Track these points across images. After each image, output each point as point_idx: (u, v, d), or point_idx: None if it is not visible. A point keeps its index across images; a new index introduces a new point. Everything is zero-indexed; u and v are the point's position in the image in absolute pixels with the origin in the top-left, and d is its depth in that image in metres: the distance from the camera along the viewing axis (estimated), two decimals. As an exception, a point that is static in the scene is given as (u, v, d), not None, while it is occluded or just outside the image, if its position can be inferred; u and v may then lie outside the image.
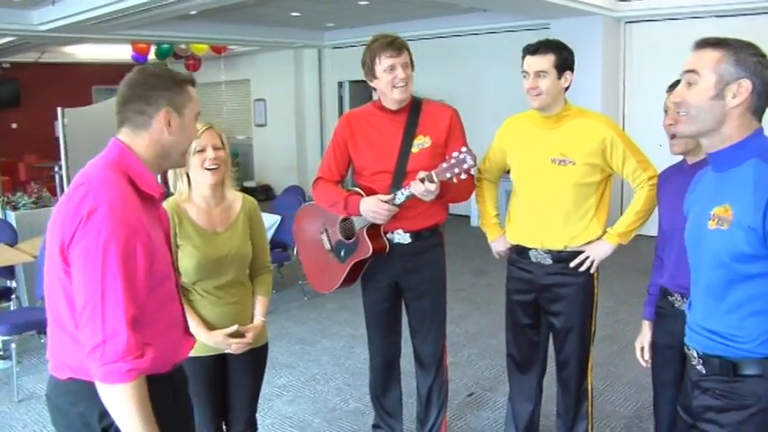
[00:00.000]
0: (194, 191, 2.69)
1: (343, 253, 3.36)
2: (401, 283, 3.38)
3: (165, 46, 12.13)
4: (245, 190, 2.81)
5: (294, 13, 10.17)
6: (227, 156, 2.72)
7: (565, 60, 3.02)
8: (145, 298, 1.82)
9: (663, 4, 8.81)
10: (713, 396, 1.96)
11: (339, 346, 5.49)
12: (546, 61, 2.98)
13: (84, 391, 1.82)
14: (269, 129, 14.26)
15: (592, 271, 3.16)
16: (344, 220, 3.32)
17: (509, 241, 3.33)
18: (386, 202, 3.10)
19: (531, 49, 3.02)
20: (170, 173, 2.66)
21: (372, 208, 3.12)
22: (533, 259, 3.21)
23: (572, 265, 3.15)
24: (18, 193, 7.28)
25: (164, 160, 2.01)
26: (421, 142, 3.21)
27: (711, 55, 1.89)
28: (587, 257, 3.13)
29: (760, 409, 1.87)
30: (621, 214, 3.19)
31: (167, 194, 2.54)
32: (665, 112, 2.75)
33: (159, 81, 1.95)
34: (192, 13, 9.03)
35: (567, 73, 3.03)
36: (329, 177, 3.38)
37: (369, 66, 3.19)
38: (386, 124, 3.25)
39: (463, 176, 2.96)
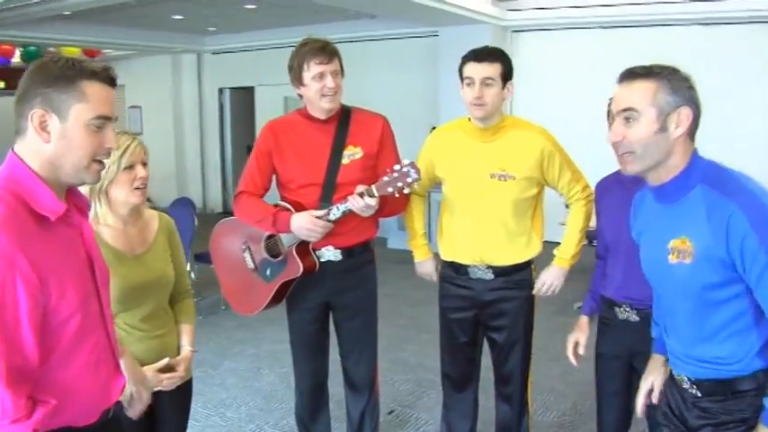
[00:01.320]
0: (111, 210, 2.35)
1: (269, 272, 3.12)
2: (332, 303, 3.18)
3: (32, 48, 11.30)
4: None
5: (176, 16, 9.70)
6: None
7: (509, 70, 2.93)
8: (39, 342, 1.49)
9: (549, 14, 9.01)
10: (712, 414, 1.90)
11: (244, 367, 5.17)
12: (493, 69, 2.87)
13: None
14: (145, 137, 12.85)
15: (551, 294, 3.10)
16: (270, 237, 3.09)
17: (444, 258, 3.18)
18: (319, 218, 2.89)
19: (479, 57, 2.88)
20: (85, 191, 2.21)
21: (306, 225, 2.90)
22: (473, 276, 3.07)
23: (534, 293, 3.09)
24: None
25: (56, 175, 1.61)
26: (351, 153, 3.03)
27: (645, 87, 1.82)
28: (545, 284, 3.08)
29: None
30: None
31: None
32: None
33: (42, 73, 1.57)
34: (65, 14, 8.42)
35: (509, 84, 2.93)
36: (253, 191, 3.12)
37: (296, 71, 2.97)
38: (314, 134, 3.04)
39: (406, 190, 2.82)
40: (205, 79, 12.90)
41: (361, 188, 2.84)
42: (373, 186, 2.82)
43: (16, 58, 11.93)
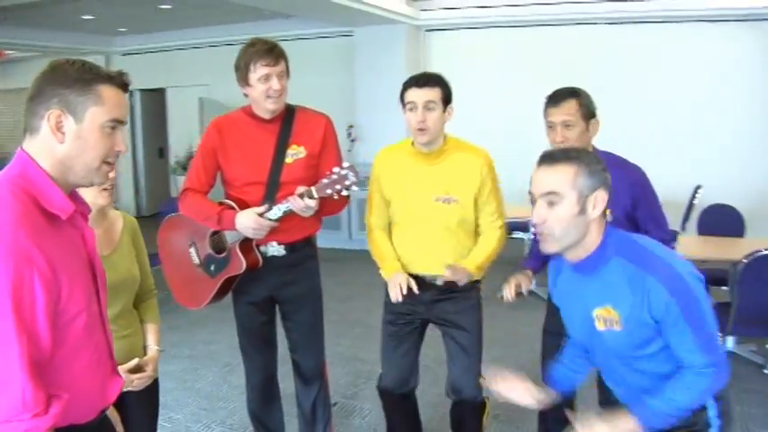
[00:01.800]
0: None
1: (213, 267, 3.16)
2: (277, 297, 3.25)
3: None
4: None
5: (87, 17, 9.45)
6: None
7: (449, 94, 3.01)
8: (52, 338, 1.52)
9: (460, 13, 9.29)
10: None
11: (181, 368, 5.15)
12: (434, 94, 2.94)
13: None
14: None
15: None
16: (215, 233, 3.13)
17: None
18: (262, 215, 2.95)
19: (420, 82, 2.96)
20: None
21: (251, 224, 2.95)
22: (421, 285, 3.07)
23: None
24: None
25: (66, 175, 1.63)
26: (295, 152, 3.09)
27: (567, 171, 1.95)
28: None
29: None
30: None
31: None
32: (550, 128, 2.90)
33: (60, 75, 1.60)
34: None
35: (450, 107, 3.01)
36: (198, 188, 3.15)
37: (242, 72, 3.00)
38: (258, 133, 3.09)
39: (344, 193, 2.90)
40: (114, 81, 12.59)
41: (301, 189, 2.89)
42: (313, 188, 2.89)
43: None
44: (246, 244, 3.07)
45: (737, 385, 4.47)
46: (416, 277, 3.07)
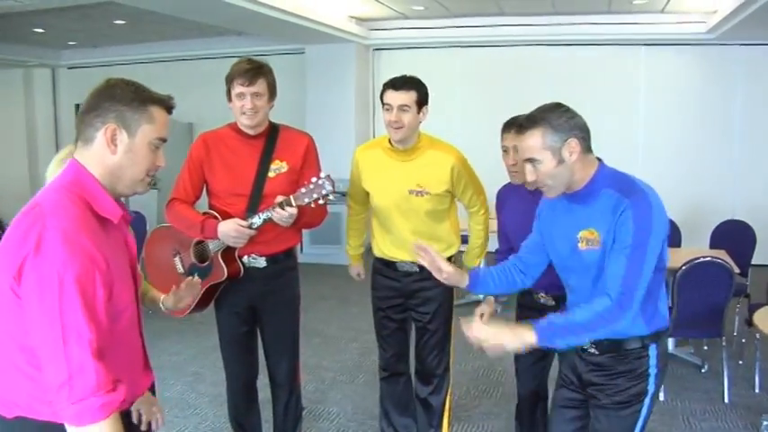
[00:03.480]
0: None
1: (196, 276, 3.30)
2: (257, 307, 3.40)
3: None
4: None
5: (38, 30, 9.40)
6: None
7: (425, 96, 3.31)
8: (106, 331, 1.67)
9: (406, 34, 9.67)
10: (605, 368, 2.43)
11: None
12: (408, 97, 3.24)
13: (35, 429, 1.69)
14: None
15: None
16: (198, 242, 3.30)
17: (375, 254, 3.57)
18: (244, 226, 3.12)
19: (396, 85, 3.26)
20: None
21: (232, 233, 3.12)
22: (400, 269, 3.47)
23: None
24: None
25: (114, 184, 1.81)
26: (278, 167, 3.27)
27: (534, 135, 2.27)
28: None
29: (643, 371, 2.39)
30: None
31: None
32: (504, 151, 3.21)
33: (116, 92, 1.77)
34: None
35: (425, 108, 3.32)
36: (184, 198, 3.33)
37: (227, 88, 3.21)
38: (243, 148, 3.27)
39: (321, 201, 3.07)
40: (61, 95, 12.45)
41: (280, 198, 3.08)
42: (291, 197, 3.07)
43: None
44: (228, 253, 3.23)
45: (679, 384, 4.84)
46: (393, 263, 3.47)
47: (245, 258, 3.27)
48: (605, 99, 9.01)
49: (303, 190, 3.06)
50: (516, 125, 3.10)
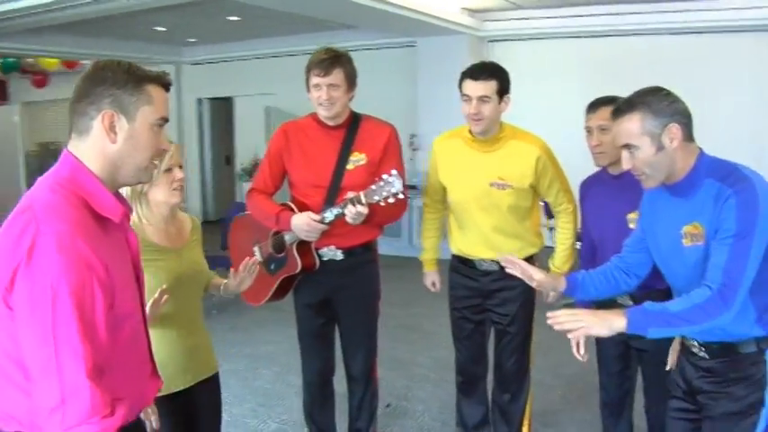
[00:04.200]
0: (152, 211, 2.48)
1: (273, 266, 3.29)
2: (333, 300, 3.33)
3: (11, 60, 11.33)
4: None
5: (159, 28, 9.83)
6: None
7: (506, 85, 3.10)
8: (106, 344, 1.52)
9: (524, 24, 9.29)
10: (716, 374, 2.19)
11: (242, 367, 5.32)
12: (489, 87, 3.04)
13: None
14: None
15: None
16: (276, 233, 3.25)
17: (452, 252, 3.39)
18: (316, 220, 3.04)
19: (475, 75, 3.05)
20: (125, 191, 2.29)
21: (304, 226, 3.06)
22: (479, 267, 3.28)
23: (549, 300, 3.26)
24: None
25: (115, 176, 1.65)
26: (357, 159, 3.17)
27: (633, 120, 2.10)
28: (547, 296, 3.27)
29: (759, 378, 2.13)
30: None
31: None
32: (588, 132, 2.94)
33: (109, 75, 1.59)
34: (43, 26, 8.51)
35: (507, 97, 3.10)
36: (263, 189, 3.30)
37: (305, 79, 3.13)
38: (323, 139, 3.19)
39: (391, 200, 2.92)
40: (184, 89, 12.97)
41: (351, 194, 2.96)
42: (362, 193, 2.93)
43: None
44: (304, 246, 3.16)
45: None
46: (471, 261, 3.28)
47: (322, 250, 3.20)
48: (729, 89, 8.39)
49: (374, 187, 2.92)
50: (601, 104, 2.89)
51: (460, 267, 3.38)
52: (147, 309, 2.22)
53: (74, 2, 6.77)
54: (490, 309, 3.35)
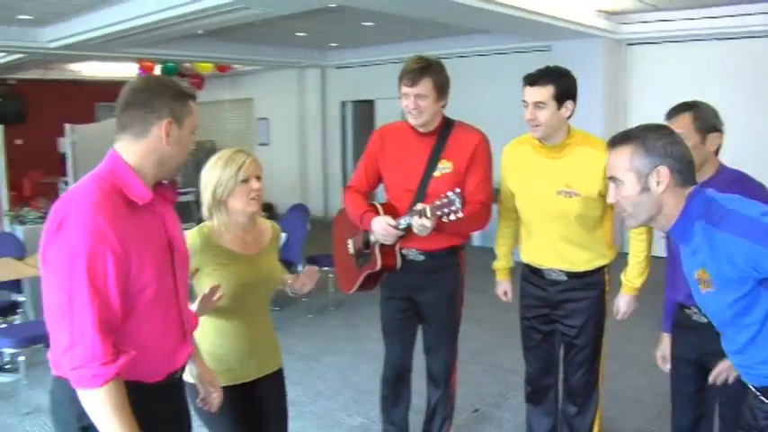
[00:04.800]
0: (230, 218, 2.66)
1: (360, 260, 3.47)
2: (414, 298, 3.42)
3: (171, 64, 12.24)
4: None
5: (299, 33, 10.29)
6: None
7: (565, 90, 3.02)
8: (122, 304, 1.82)
9: (664, 27, 8.92)
10: None
11: (344, 362, 5.52)
12: (545, 92, 2.98)
13: (65, 389, 1.86)
14: (272, 148, 14.30)
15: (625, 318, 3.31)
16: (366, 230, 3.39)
17: (522, 260, 3.38)
18: (392, 226, 3.15)
19: (531, 80, 3.02)
20: (207, 201, 2.62)
21: (380, 230, 3.19)
22: (547, 277, 3.25)
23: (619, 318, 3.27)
24: (24, 208, 7.34)
25: (159, 170, 1.99)
26: (444, 167, 3.23)
27: (623, 153, 2.01)
28: (619, 312, 3.29)
29: None
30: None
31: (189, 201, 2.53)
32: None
33: (164, 90, 1.96)
34: (198, 33, 9.15)
35: (568, 102, 3.03)
36: (358, 188, 3.45)
37: (398, 86, 3.21)
38: (415, 144, 3.28)
39: (452, 217, 2.91)
40: (328, 92, 13.47)
41: (419, 206, 3.01)
42: (427, 207, 2.96)
43: (156, 73, 12.95)
44: (387, 247, 3.29)
45: None
46: (540, 270, 3.26)
47: (405, 251, 3.32)
48: None
49: (438, 202, 2.93)
50: (679, 111, 2.82)
51: (530, 276, 3.35)
52: (197, 303, 2.45)
53: (218, 10, 7.24)
54: (558, 320, 3.30)
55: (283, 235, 7.12)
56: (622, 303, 3.25)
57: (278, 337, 2.89)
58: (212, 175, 2.61)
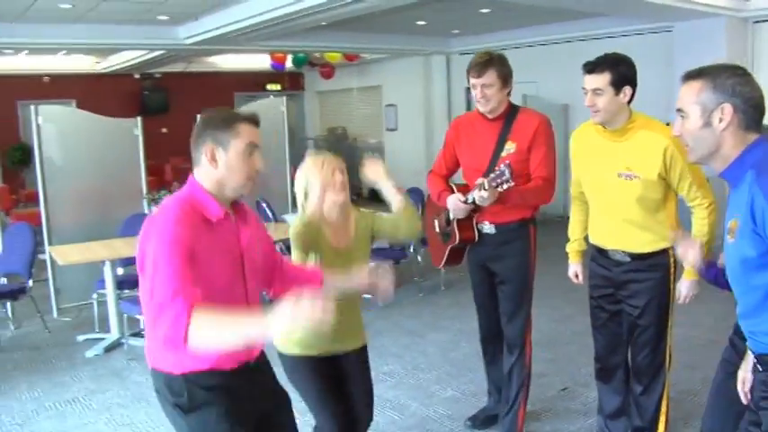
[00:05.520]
0: (330, 212, 2.94)
1: (444, 237, 3.90)
2: (490, 267, 3.80)
3: (301, 55, 12.87)
4: (374, 192, 3.19)
5: (420, 22, 10.58)
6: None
7: (622, 76, 3.13)
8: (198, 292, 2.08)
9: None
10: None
11: (446, 339, 5.85)
12: (601, 80, 3.11)
13: (158, 377, 2.27)
14: (399, 133, 14.71)
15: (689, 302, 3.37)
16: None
17: (591, 241, 3.55)
18: (461, 200, 3.54)
19: (589, 68, 3.16)
20: (300, 197, 2.96)
21: (452, 206, 3.61)
22: (612, 257, 3.40)
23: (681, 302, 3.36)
24: (162, 191, 8.04)
25: (225, 191, 2.24)
26: (509, 147, 3.58)
27: (693, 87, 2.05)
28: (681, 296, 3.35)
29: None
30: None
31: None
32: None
33: (208, 121, 2.23)
34: (323, 24, 9.64)
35: (626, 88, 3.13)
36: (438, 172, 3.88)
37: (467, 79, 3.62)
38: (485, 129, 3.65)
39: (504, 186, 3.27)
40: (453, 79, 13.69)
41: (479, 180, 3.37)
42: (485, 180, 3.32)
43: (288, 64, 13.70)
44: (464, 221, 3.69)
45: None
46: (605, 251, 3.44)
47: (480, 225, 3.72)
48: None
49: (492, 175, 3.31)
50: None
51: (597, 257, 3.52)
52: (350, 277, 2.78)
53: (340, 2, 7.65)
54: (622, 299, 3.45)
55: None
56: (683, 287, 3.32)
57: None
58: (302, 175, 2.96)
